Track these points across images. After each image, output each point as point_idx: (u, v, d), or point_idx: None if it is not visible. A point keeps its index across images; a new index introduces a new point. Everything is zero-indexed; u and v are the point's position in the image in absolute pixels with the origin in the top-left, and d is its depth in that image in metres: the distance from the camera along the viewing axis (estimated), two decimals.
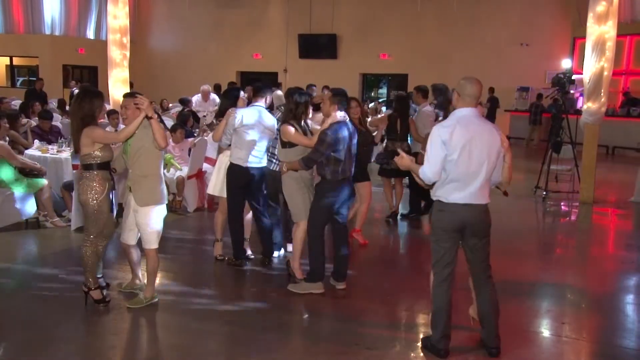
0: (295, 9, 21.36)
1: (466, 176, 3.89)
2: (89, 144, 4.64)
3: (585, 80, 9.51)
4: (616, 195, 10.70)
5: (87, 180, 4.68)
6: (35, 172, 7.21)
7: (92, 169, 4.69)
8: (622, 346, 4.54)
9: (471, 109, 3.96)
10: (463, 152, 3.84)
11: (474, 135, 3.87)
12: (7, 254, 6.34)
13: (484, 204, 3.98)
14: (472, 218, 3.94)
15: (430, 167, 3.91)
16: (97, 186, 4.68)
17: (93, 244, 4.81)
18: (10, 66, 22.81)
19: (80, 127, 4.63)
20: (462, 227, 3.96)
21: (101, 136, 4.69)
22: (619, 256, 7.18)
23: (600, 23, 9.27)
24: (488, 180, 3.95)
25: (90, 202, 4.69)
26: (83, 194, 4.71)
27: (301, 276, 5.45)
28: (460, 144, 3.84)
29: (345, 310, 5.03)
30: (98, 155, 4.67)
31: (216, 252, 6.19)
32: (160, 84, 21.81)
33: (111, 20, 10.75)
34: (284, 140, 5.38)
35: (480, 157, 3.87)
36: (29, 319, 4.66)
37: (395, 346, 4.34)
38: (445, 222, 3.98)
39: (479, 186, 3.90)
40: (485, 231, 4.03)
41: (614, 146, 16.76)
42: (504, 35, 19.20)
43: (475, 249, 4.05)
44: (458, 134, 3.85)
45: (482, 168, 3.89)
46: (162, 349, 4.34)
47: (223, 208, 6.09)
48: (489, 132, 3.93)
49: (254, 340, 4.43)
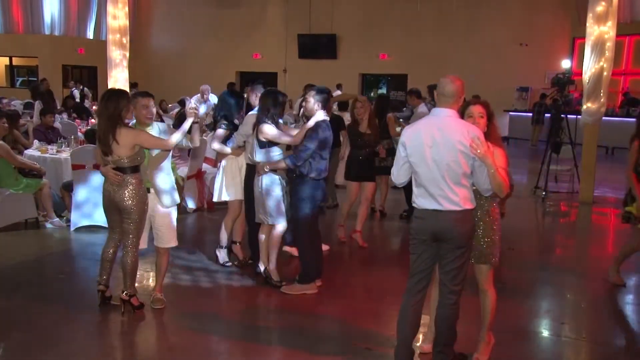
0: (295, 9, 21.36)
1: (428, 180, 3.60)
2: (130, 146, 4.49)
3: (585, 80, 9.52)
4: (616, 195, 10.69)
5: (131, 184, 4.51)
6: (35, 172, 7.22)
7: (137, 172, 4.57)
8: (622, 346, 4.55)
9: (445, 109, 3.64)
10: (422, 154, 3.60)
11: (436, 138, 3.56)
12: (6, 254, 6.34)
13: (457, 211, 3.58)
14: (440, 225, 3.60)
15: (394, 169, 3.79)
16: (141, 189, 4.59)
17: (136, 248, 4.70)
18: (10, 66, 22.82)
19: (109, 127, 4.44)
20: (432, 234, 3.63)
21: (151, 142, 4.58)
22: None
23: (599, 23, 9.27)
24: (460, 186, 3.57)
25: (138, 206, 4.56)
26: (130, 199, 4.51)
27: (278, 278, 5.38)
28: (418, 146, 3.61)
29: (345, 310, 5.03)
30: (137, 158, 4.57)
31: (223, 260, 5.99)
32: (159, 84, 21.79)
33: (111, 20, 10.75)
34: (262, 140, 5.21)
35: (440, 160, 3.55)
36: (28, 319, 4.66)
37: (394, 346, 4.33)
38: (415, 229, 3.74)
39: (446, 191, 3.56)
40: (458, 241, 3.61)
41: (613, 146, 16.76)
42: (503, 36, 19.21)
43: (444, 257, 3.68)
44: (418, 136, 3.63)
45: (444, 172, 3.55)
46: (162, 349, 4.35)
47: (234, 213, 5.92)
48: (458, 134, 3.55)
49: (253, 340, 4.43)
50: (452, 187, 3.56)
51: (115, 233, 4.75)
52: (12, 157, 6.95)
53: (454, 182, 3.56)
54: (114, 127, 4.44)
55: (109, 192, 4.57)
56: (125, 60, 10.84)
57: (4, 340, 4.32)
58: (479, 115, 3.76)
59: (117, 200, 4.52)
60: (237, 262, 6.01)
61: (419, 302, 3.80)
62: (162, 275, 4.98)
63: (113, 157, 4.49)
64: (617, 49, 11.03)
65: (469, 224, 3.66)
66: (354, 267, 6.42)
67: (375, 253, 6.88)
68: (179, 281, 5.62)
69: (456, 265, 3.67)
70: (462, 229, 3.61)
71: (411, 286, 3.78)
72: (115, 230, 4.75)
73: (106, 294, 4.82)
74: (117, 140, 4.44)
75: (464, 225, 3.62)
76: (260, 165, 5.23)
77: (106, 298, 4.82)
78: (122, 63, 10.79)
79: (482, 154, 3.50)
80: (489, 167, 3.53)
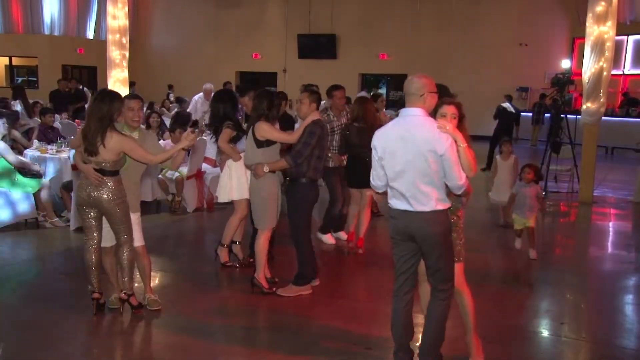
0: (295, 9, 21.37)
1: (398, 181, 3.58)
2: (116, 152, 4.44)
3: (585, 80, 9.52)
4: (615, 196, 10.70)
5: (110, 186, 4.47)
6: (34, 172, 7.22)
7: (116, 175, 4.52)
8: (622, 346, 4.54)
9: (413, 108, 3.60)
10: (392, 155, 3.59)
11: (403, 138, 3.54)
12: (6, 254, 6.35)
13: (427, 211, 3.54)
14: (413, 226, 3.58)
15: (372, 173, 3.79)
16: (119, 188, 4.54)
17: (130, 245, 4.68)
18: (10, 66, 22.82)
19: (99, 128, 4.36)
20: (407, 234, 3.62)
21: (137, 153, 4.50)
22: (618, 256, 7.19)
23: (599, 23, 9.28)
24: (430, 185, 3.53)
25: (120, 205, 4.53)
26: (111, 200, 4.47)
27: (268, 286, 5.25)
28: (387, 147, 3.61)
29: (345, 310, 5.03)
30: (119, 163, 4.52)
31: (224, 259, 5.95)
32: (159, 84, 21.80)
33: (110, 20, 10.76)
34: (259, 140, 5.05)
35: (409, 160, 3.52)
36: (28, 319, 4.66)
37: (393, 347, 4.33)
38: (391, 229, 3.73)
39: (415, 192, 3.53)
40: (431, 242, 3.57)
41: (613, 146, 16.78)
42: (503, 36, 19.22)
43: (425, 257, 3.67)
44: (387, 137, 3.63)
45: (413, 172, 3.52)
46: (162, 349, 4.34)
47: (242, 213, 5.85)
48: (425, 133, 3.51)
49: (253, 340, 4.43)
50: (421, 187, 3.53)
51: (92, 233, 4.61)
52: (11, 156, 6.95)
53: (423, 182, 3.53)
54: (104, 128, 4.38)
55: (85, 191, 4.48)
56: (125, 60, 10.84)
57: (4, 340, 4.33)
58: (452, 116, 3.68)
59: (97, 202, 4.48)
60: (237, 262, 6.01)
61: (408, 304, 3.78)
62: (147, 276, 4.89)
63: (97, 158, 4.42)
64: (617, 49, 11.05)
65: (442, 225, 3.59)
66: (351, 267, 6.42)
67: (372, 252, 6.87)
68: (178, 281, 5.62)
69: (438, 265, 3.63)
70: (433, 229, 3.56)
71: (397, 288, 3.78)
72: (92, 231, 4.61)
73: (100, 302, 4.71)
74: (104, 143, 4.37)
75: (436, 225, 3.56)
76: (259, 166, 5.04)
77: (101, 305, 4.72)
78: (121, 63, 10.79)
79: (452, 130, 3.49)
80: (460, 142, 3.51)
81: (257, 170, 5.06)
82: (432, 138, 3.47)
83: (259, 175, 5.07)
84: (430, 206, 3.54)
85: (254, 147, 5.11)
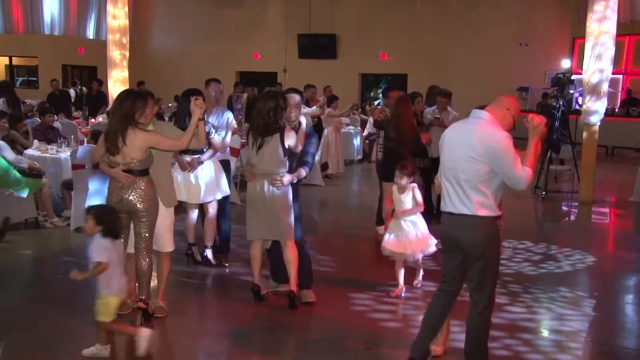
0: (295, 9, 21.35)
1: (448, 182, 3.56)
2: (143, 149, 4.36)
3: (585, 80, 9.52)
4: (616, 195, 10.70)
5: (141, 187, 4.38)
6: (35, 172, 7.21)
7: (146, 174, 4.42)
8: (622, 346, 4.55)
9: (482, 111, 3.63)
10: (445, 155, 3.62)
11: (460, 138, 3.56)
12: (7, 254, 6.34)
13: (468, 215, 3.46)
14: (455, 230, 3.53)
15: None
16: (151, 190, 4.45)
17: (150, 251, 4.56)
18: (10, 66, 22.80)
19: (120, 127, 4.29)
20: (452, 239, 3.56)
21: (166, 144, 4.44)
22: (619, 256, 7.19)
23: (599, 23, 9.28)
24: (475, 191, 3.45)
25: (150, 208, 4.45)
26: (141, 202, 4.38)
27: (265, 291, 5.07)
28: (444, 146, 3.66)
29: (345, 309, 5.02)
30: (148, 161, 4.44)
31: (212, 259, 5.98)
32: (159, 84, 21.77)
33: (110, 20, 10.75)
34: (286, 147, 4.75)
35: (458, 162, 3.51)
36: (28, 319, 4.66)
37: (396, 346, 4.33)
38: (439, 233, 3.74)
39: (460, 194, 3.49)
40: (473, 251, 3.47)
41: (613, 146, 16.77)
42: (503, 35, 19.19)
43: (467, 265, 3.56)
44: (446, 136, 3.70)
45: (461, 174, 3.48)
46: (162, 349, 4.34)
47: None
48: (477, 137, 3.48)
49: (253, 340, 4.43)
50: (466, 190, 3.48)
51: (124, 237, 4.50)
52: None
53: (469, 186, 3.48)
54: (125, 127, 4.29)
55: (118, 195, 4.37)
56: (125, 60, 10.83)
57: (4, 340, 4.32)
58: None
59: (128, 204, 4.37)
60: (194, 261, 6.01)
61: (444, 306, 3.72)
62: (164, 282, 4.80)
63: (125, 159, 4.33)
64: (618, 49, 11.04)
65: (483, 232, 3.48)
66: (356, 266, 6.41)
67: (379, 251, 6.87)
68: (178, 281, 5.61)
69: (475, 275, 3.53)
70: (472, 235, 3.47)
71: (440, 287, 3.76)
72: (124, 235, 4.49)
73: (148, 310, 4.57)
74: (126, 142, 4.29)
75: (475, 231, 3.47)
76: (284, 176, 4.75)
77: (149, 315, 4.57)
78: (122, 63, 10.78)
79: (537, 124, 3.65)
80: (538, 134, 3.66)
81: (283, 180, 4.76)
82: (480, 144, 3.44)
83: (284, 184, 4.78)
84: (472, 211, 3.47)
85: (279, 154, 4.76)
